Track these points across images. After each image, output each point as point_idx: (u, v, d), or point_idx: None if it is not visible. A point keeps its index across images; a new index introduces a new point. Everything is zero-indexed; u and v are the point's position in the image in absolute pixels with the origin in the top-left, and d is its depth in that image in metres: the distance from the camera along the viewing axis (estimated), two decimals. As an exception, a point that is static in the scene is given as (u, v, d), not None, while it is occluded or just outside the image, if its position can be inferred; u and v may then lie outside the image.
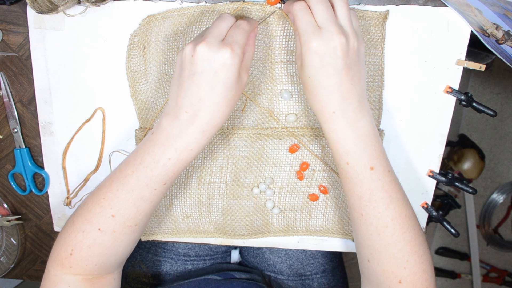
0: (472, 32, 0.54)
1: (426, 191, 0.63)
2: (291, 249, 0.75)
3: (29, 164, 0.63)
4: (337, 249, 0.67)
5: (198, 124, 0.45)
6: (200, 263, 0.76)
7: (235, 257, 0.79)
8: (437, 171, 0.61)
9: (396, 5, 0.53)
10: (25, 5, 0.56)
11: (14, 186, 0.66)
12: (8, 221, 0.66)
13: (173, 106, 0.46)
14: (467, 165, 1.43)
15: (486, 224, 1.56)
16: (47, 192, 0.65)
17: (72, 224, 0.49)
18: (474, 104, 0.56)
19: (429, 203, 0.63)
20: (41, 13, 0.52)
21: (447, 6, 0.53)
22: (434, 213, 0.62)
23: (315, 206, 0.63)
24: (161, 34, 0.55)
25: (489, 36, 0.52)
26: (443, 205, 1.51)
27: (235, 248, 0.80)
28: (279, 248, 0.75)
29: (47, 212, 0.67)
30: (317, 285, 0.76)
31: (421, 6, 0.53)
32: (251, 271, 0.74)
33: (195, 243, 0.72)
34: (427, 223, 0.65)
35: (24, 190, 0.66)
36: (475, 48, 0.58)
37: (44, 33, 0.56)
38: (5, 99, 0.61)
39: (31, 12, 0.55)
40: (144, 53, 0.56)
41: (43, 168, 0.64)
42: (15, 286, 1.00)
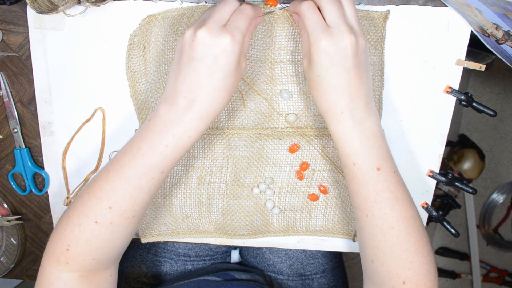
0: (472, 32, 0.54)
1: (426, 191, 0.63)
2: (291, 249, 0.75)
3: (29, 164, 0.63)
4: (337, 249, 0.67)
5: (196, 110, 0.44)
6: (200, 263, 0.76)
7: (235, 257, 0.79)
8: (437, 171, 0.61)
9: (396, 5, 0.53)
10: (25, 5, 0.56)
11: (14, 186, 0.66)
12: (8, 221, 0.66)
13: (171, 92, 0.45)
14: (467, 165, 1.43)
15: (486, 224, 1.56)
16: (47, 192, 0.65)
17: (67, 219, 0.48)
18: (474, 104, 0.56)
19: (429, 203, 0.63)
20: (41, 13, 0.52)
21: (447, 6, 0.53)
22: (434, 213, 0.62)
23: (315, 206, 0.63)
24: (161, 34, 0.55)
25: (489, 36, 0.52)
26: (443, 205, 1.51)
27: (235, 248, 0.80)
28: (279, 248, 0.75)
29: (47, 212, 0.67)
30: (317, 285, 0.76)
31: (421, 6, 0.53)
32: (252, 271, 0.74)
33: (195, 243, 0.72)
34: (427, 223, 0.65)
35: (24, 190, 0.66)
36: (475, 48, 0.58)
37: (44, 33, 0.56)
38: (5, 99, 0.61)
39: (31, 12, 0.56)
40: (144, 53, 0.56)
41: (43, 168, 0.64)
42: (15, 286, 1.00)
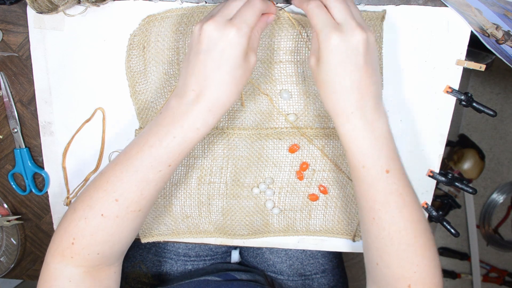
0: (472, 32, 0.54)
1: (426, 191, 0.63)
2: (291, 249, 0.75)
3: (29, 164, 0.63)
4: (337, 249, 0.67)
5: (204, 102, 0.44)
6: (200, 263, 0.76)
7: (235, 257, 0.79)
8: (437, 171, 0.61)
9: (396, 5, 0.53)
10: (25, 5, 0.56)
11: (14, 186, 0.66)
12: (8, 221, 0.66)
13: (181, 85, 0.46)
14: (467, 165, 1.43)
15: (486, 224, 1.56)
16: (47, 192, 0.65)
17: (73, 212, 0.48)
18: (474, 104, 0.56)
19: (429, 203, 0.63)
20: (41, 13, 0.52)
21: (447, 6, 0.53)
22: (434, 213, 0.62)
23: (315, 206, 0.63)
24: (161, 34, 0.55)
25: (489, 36, 0.52)
26: (443, 205, 1.51)
27: (235, 248, 0.80)
28: (279, 248, 0.75)
29: (47, 212, 0.67)
30: (317, 285, 0.76)
31: (421, 6, 0.53)
32: (252, 271, 0.74)
33: (195, 243, 0.72)
34: (427, 223, 0.65)
35: (24, 190, 0.66)
36: (475, 48, 0.58)
37: (44, 33, 0.56)
38: (5, 99, 0.61)
39: (31, 12, 0.56)
40: (143, 53, 0.56)
41: (43, 168, 0.64)
42: (15, 286, 1.00)
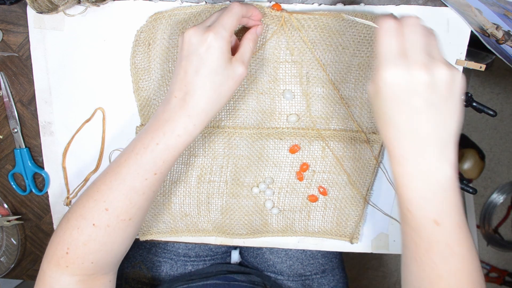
0: (472, 32, 0.54)
1: (426, 191, 0.63)
2: (291, 250, 0.75)
3: (29, 164, 0.63)
4: (338, 249, 0.67)
5: (185, 108, 0.45)
6: (200, 263, 0.76)
7: (235, 257, 0.79)
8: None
9: (396, 5, 0.53)
10: (25, 5, 0.56)
11: (14, 186, 0.66)
12: (8, 221, 0.66)
13: (168, 92, 0.47)
14: (467, 165, 1.43)
15: (486, 224, 1.56)
16: (47, 192, 0.65)
17: (67, 222, 0.49)
18: (474, 104, 0.56)
19: (429, 203, 0.63)
20: (41, 13, 0.52)
21: (447, 6, 0.53)
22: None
23: (314, 207, 0.63)
24: (167, 32, 0.55)
25: (489, 36, 0.52)
26: (443, 205, 1.50)
27: (235, 248, 0.80)
28: (279, 248, 0.75)
29: (47, 212, 0.67)
30: (317, 285, 0.76)
31: (421, 6, 0.53)
32: (250, 272, 0.74)
33: (195, 243, 0.72)
34: (427, 223, 0.65)
35: (24, 190, 0.66)
36: (475, 48, 0.58)
37: (44, 33, 0.56)
38: (5, 99, 0.61)
39: (31, 12, 0.56)
40: (148, 50, 0.56)
41: (43, 168, 0.64)
42: (15, 286, 1.00)
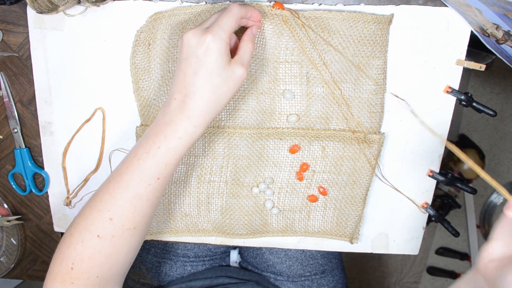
0: (472, 32, 0.54)
1: (426, 191, 0.63)
2: (290, 250, 0.75)
3: (29, 164, 0.63)
4: (337, 249, 0.67)
5: (184, 110, 0.45)
6: (200, 264, 0.76)
7: (234, 257, 0.79)
8: (437, 171, 0.61)
9: (396, 5, 0.53)
10: (25, 5, 0.56)
11: (14, 186, 0.66)
12: (8, 221, 0.66)
13: (168, 96, 0.47)
14: (467, 165, 1.43)
15: (486, 224, 1.56)
16: (47, 192, 0.65)
17: (70, 236, 0.48)
18: (474, 104, 0.56)
19: (429, 203, 0.63)
20: (41, 13, 0.52)
21: (447, 6, 0.53)
22: (434, 213, 0.62)
23: (314, 208, 0.63)
24: (167, 32, 0.55)
25: (489, 36, 0.52)
26: (443, 205, 1.51)
27: (234, 248, 0.80)
28: (278, 249, 0.75)
29: (47, 212, 0.67)
30: (316, 286, 0.76)
31: (421, 6, 0.53)
32: (250, 279, 0.73)
33: (195, 243, 0.72)
34: (427, 223, 0.65)
35: (24, 190, 0.66)
36: (475, 48, 0.58)
37: (44, 33, 0.56)
38: (5, 99, 0.61)
39: (31, 12, 0.55)
40: (148, 50, 0.56)
41: (43, 168, 0.64)
42: (15, 286, 1.00)
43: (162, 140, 0.46)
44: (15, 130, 0.62)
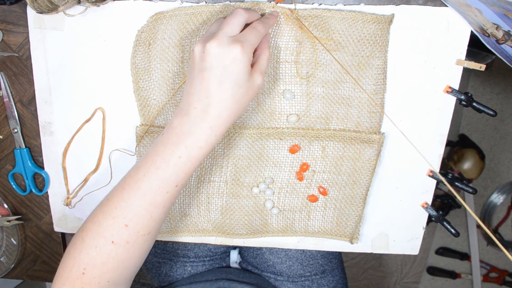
0: (472, 32, 0.54)
1: (426, 191, 0.63)
2: (290, 250, 0.75)
3: (29, 164, 0.63)
4: (338, 249, 0.67)
5: (206, 120, 0.45)
6: (200, 264, 0.76)
7: (234, 257, 0.79)
8: (437, 171, 0.61)
9: (396, 5, 0.53)
10: (25, 5, 0.56)
11: (14, 186, 0.66)
12: (8, 221, 0.66)
13: (184, 104, 0.46)
14: (467, 165, 1.43)
15: (486, 224, 1.56)
16: (47, 192, 0.65)
17: (82, 241, 0.47)
18: (474, 104, 0.56)
19: (429, 203, 0.63)
20: (41, 13, 0.52)
21: (447, 6, 0.53)
22: (434, 213, 0.62)
23: (314, 208, 0.63)
24: (167, 32, 0.55)
25: (489, 36, 0.52)
26: (443, 205, 1.51)
27: (234, 248, 0.80)
28: (278, 249, 0.75)
29: (47, 212, 0.67)
30: (316, 286, 0.76)
31: (421, 6, 0.53)
32: (250, 282, 0.73)
33: (195, 243, 0.72)
34: (427, 223, 0.65)
35: (24, 190, 0.66)
36: (475, 48, 0.58)
37: (44, 33, 0.56)
38: (5, 99, 0.61)
39: (31, 12, 0.56)
40: (149, 50, 0.56)
41: (43, 168, 0.64)
42: (15, 286, 1.00)
43: (183, 149, 0.45)
44: (15, 130, 0.62)
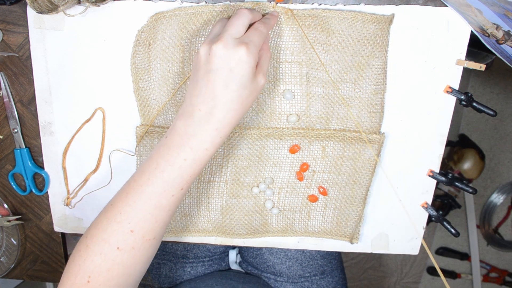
0: (472, 32, 0.54)
1: (426, 191, 0.63)
2: (290, 251, 0.75)
3: (29, 164, 0.63)
4: (337, 249, 0.67)
5: (211, 122, 0.45)
6: (199, 265, 0.76)
7: (233, 257, 0.79)
8: (437, 171, 0.61)
9: (396, 5, 0.53)
10: (25, 5, 0.56)
11: (14, 186, 0.66)
12: (8, 221, 0.66)
13: (187, 105, 0.46)
14: (467, 165, 1.43)
15: (486, 224, 1.56)
16: (47, 192, 0.65)
17: (86, 248, 0.46)
18: (474, 104, 0.56)
19: (429, 203, 0.63)
20: (41, 13, 0.52)
21: (447, 6, 0.53)
22: (434, 213, 0.62)
23: (314, 208, 0.63)
24: (167, 32, 0.55)
25: (489, 36, 0.52)
26: (443, 205, 1.51)
27: (233, 248, 0.80)
28: (278, 249, 0.75)
29: (47, 212, 0.67)
30: (316, 287, 0.76)
31: (421, 6, 0.53)
32: (251, 282, 0.73)
33: (195, 244, 0.72)
34: (427, 223, 0.65)
35: (24, 190, 0.66)
36: (475, 48, 0.58)
37: (44, 33, 0.56)
38: (5, 99, 0.61)
39: (31, 12, 0.56)
40: (149, 50, 0.56)
41: (43, 168, 0.64)
42: (15, 286, 1.00)
43: (188, 152, 0.45)
44: (15, 130, 0.62)
